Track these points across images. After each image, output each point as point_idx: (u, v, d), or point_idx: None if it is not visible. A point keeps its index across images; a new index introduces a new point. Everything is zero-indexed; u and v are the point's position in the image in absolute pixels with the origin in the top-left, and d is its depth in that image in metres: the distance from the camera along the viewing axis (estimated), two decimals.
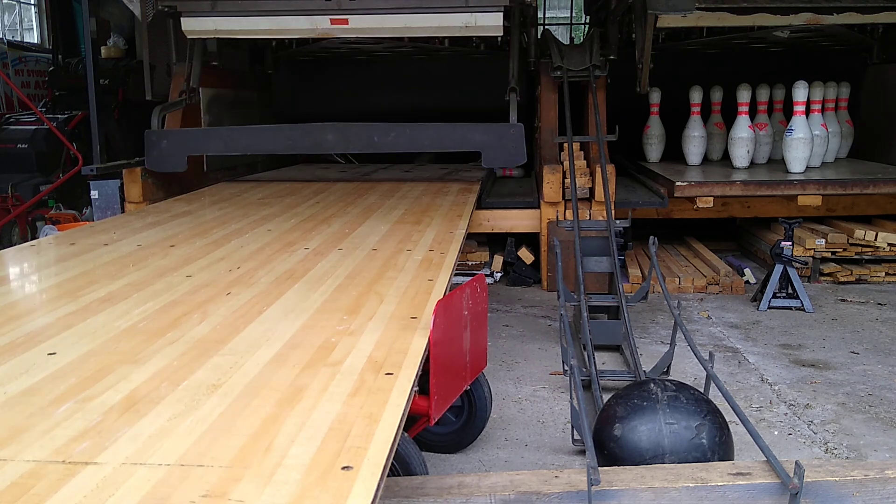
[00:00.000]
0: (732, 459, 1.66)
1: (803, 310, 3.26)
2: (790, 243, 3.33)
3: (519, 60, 4.47)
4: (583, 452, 1.94)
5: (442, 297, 1.63)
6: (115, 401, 1.16)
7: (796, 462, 1.37)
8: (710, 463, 1.57)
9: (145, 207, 3.30)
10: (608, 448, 1.67)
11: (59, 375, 1.26)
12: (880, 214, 3.95)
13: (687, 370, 2.55)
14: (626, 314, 2.54)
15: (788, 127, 3.96)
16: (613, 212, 3.17)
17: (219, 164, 4.36)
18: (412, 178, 3.99)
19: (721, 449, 1.63)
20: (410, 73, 5.21)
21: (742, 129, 4.10)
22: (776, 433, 2.13)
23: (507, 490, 1.37)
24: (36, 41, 7.29)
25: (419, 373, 1.28)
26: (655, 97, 4.45)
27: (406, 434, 1.57)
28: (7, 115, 5.62)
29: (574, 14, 8.37)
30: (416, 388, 1.23)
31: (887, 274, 3.73)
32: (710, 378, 1.83)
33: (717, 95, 4.46)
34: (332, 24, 3.77)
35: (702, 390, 1.80)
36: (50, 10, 6.94)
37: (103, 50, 5.71)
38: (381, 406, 1.12)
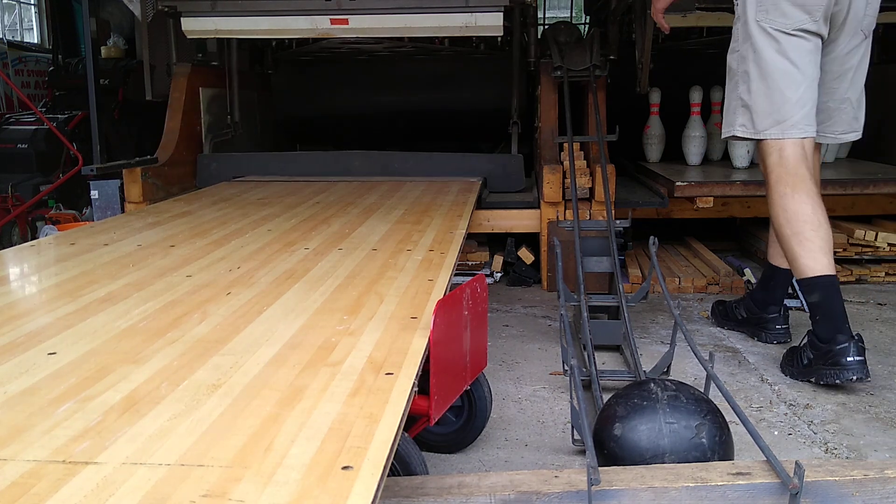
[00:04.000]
0: (732, 459, 1.66)
1: (803, 310, 3.25)
2: None
3: (519, 61, 4.47)
4: (583, 452, 1.94)
5: (442, 297, 1.63)
6: (115, 401, 1.16)
7: (796, 462, 1.37)
8: (710, 463, 1.57)
9: (145, 207, 3.30)
10: (608, 448, 1.67)
11: (59, 375, 1.26)
12: (880, 214, 3.95)
13: (687, 370, 2.55)
14: (626, 314, 2.54)
15: None
16: (613, 212, 3.17)
17: None
18: (412, 178, 3.99)
19: (721, 449, 1.63)
20: (411, 72, 5.22)
21: None
22: (776, 433, 2.13)
23: (507, 490, 1.37)
24: (36, 41, 7.29)
25: (419, 373, 1.28)
26: (655, 97, 4.44)
27: (406, 434, 1.57)
28: (7, 115, 5.62)
29: (574, 14, 8.37)
30: (416, 388, 1.23)
31: (887, 274, 3.73)
32: (710, 378, 1.83)
33: (717, 95, 4.45)
34: (332, 24, 3.78)
35: (702, 390, 1.80)
36: (50, 10, 6.95)
37: (103, 50, 5.72)
38: (381, 406, 1.12)
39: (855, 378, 2.32)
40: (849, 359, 2.32)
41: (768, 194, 2.52)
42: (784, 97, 2.41)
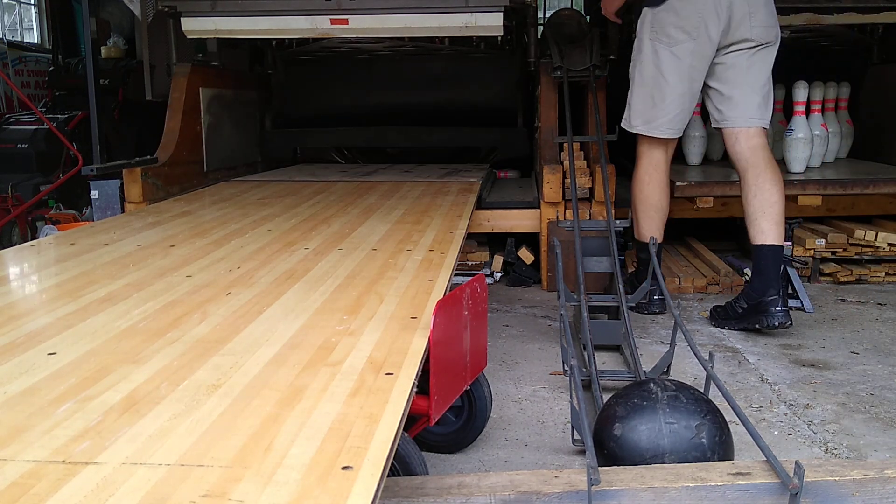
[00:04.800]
0: (732, 459, 1.66)
1: (803, 310, 3.25)
2: (790, 243, 3.33)
3: (521, 60, 4.48)
4: (583, 452, 1.94)
5: (442, 297, 1.63)
6: (115, 401, 1.16)
7: (796, 462, 1.37)
8: (710, 463, 1.57)
9: (145, 207, 3.30)
10: (608, 448, 1.67)
11: (59, 375, 1.26)
12: (880, 214, 3.95)
13: (687, 370, 2.55)
14: (626, 314, 2.54)
15: (788, 127, 3.95)
16: (613, 212, 3.17)
17: (219, 164, 4.37)
18: (412, 178, 3.99)
19: (721, 449, 1.63)
20: (411, 72, 5.22)
21: None
22: (776, 433, 2.13)
23: (507, 490, 1.37)
24: (36, 41, 7.29)
25: (419, 373, 1.28)
26: None
27: (406, 434, 1.57)
28: (7, 115, 5.62)
29: None
30: (416, 388, 1.23)
31: (887, 274, 3.73)
32: (710, 378, 1.83)
33: None
34: (332, 24, 3.78)
35: (702, 390, 1.80)
36: (50, 10, 6.95)
37: (103, 50, 5.72)
38: (381, 406, 1.12)
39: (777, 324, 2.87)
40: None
41: (638, 168, 3.17)
42: (653, 103, 2.97)
